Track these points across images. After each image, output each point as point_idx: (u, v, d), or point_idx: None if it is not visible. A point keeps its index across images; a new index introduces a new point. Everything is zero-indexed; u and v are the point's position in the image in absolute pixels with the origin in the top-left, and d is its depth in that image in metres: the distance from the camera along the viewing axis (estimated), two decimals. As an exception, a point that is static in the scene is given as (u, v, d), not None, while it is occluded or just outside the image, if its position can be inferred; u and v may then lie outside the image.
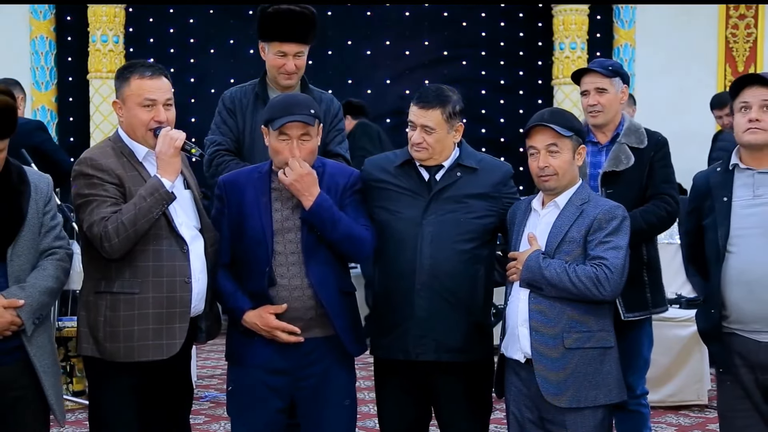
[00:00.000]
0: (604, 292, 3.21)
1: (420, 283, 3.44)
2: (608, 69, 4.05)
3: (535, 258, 3.26)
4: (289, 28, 4.11)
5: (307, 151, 3.38)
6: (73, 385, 5.61)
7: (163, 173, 3.26)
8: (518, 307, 3.32)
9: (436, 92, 3.51)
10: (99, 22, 8.96)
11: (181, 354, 3.34)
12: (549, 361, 3.24)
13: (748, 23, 9.64)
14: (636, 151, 4.00)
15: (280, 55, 4.13)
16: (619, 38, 9.51)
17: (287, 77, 4.16)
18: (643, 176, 4.00)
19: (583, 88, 4.06)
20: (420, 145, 3.49)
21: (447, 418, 3.59)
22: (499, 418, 4.70)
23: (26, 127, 5.97)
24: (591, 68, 4.08)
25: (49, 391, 3.20)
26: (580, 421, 3.26)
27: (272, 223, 3.39)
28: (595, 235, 3.26)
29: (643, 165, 3.99)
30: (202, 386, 6.21)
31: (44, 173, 3.38)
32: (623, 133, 4.03)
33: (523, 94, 9.73)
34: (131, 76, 3.33)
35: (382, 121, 9.52)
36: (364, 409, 5.54)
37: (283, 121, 3.34)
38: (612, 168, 3.96)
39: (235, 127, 4.18)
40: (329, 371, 3.44)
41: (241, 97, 4.23)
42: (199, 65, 9.43)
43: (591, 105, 4.03)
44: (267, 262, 3.36)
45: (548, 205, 3.37)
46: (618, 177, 3.97)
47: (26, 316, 3.13)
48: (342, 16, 9.50)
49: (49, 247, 3.27)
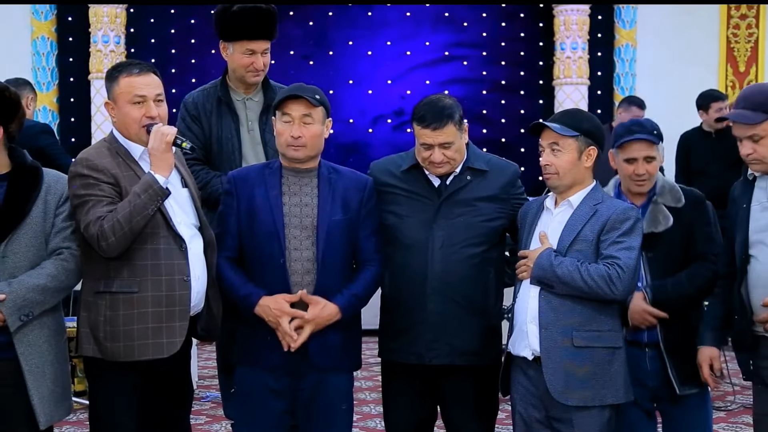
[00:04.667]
0: (616, 291, 3.23)
1: (432, 287, 3.45)
2: (654, 134, 3.69)
3: (546, 256, 3.27)
4: (257, 26, 4.11)
5: (311, 135, 3.40)
6: (75, 386, 5.60)
7: (156, 169, 3.26)
8: (528, 304, 3.33)
9: (440, 108, 3.46)
10: (100, 22, 8.97)
11: (181, 353, 3.34)
12: (558, 359, 3.25)
13: (750, 23, 9.64)
14: (674, 210, 3.66)
15: (249, 53, 4.12)
16: (620, 38, 9.50)
17: (255, 75, 4.16)
18: (684, 237, 3.66)
19: (631, 156, 3.64)
20: (441, 162, 3.48)
21: (454, 419, 3.60)
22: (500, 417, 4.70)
23: (32, 130, 5.94)
24: (640, 137, 3.65)
25: (32, 392, 3.17)
26: (587, 420, 3.27)
27: (283, 216, 3.40)
28: (609, 235, 3.27)
29: (684, 225, 3.66)
30: (203, 386, 6.21)
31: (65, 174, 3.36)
32: (658, 192, 3.69)
33: (524, 94, 9.73)
34: (119, 75, 3.34)
35: (384, 121, 9.53)
36: (365, 410, 5.54)
37: (284, 95, 3.41)
38: (651, 230, 3.60)
39: (201, 134, 4.13)
40: (328, 374, 3.44)
41: (204, 101, 4.19)
42: (200, 66, 9.42)
43: (638, 174, 3.64)
44: (281, 254, 3.37)
45: (561, 204, 3.39)
46: (658, 239, 3.61)
47: (8, 311, 3.12)
48: (343, 16, 9.50)
49: (57, 248, 3.27)
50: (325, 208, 3.42)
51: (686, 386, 3.59)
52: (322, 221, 3.41)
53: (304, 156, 3.43)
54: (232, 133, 4.15)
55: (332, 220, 3.41)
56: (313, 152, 3.45)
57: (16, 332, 3.16)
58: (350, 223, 3.45)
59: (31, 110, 6.29)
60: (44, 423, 3.23)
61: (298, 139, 3.39)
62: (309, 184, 3.46)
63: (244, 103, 4.23)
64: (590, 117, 3.48)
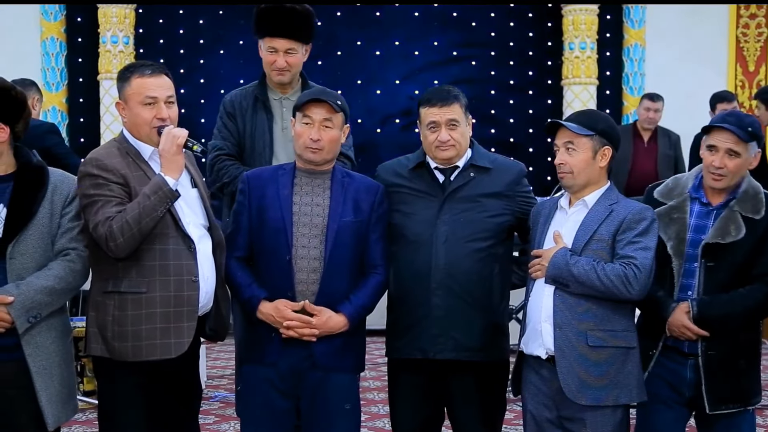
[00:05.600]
0: (633, 291, 3.22)
1: (436, 282, 3.46)
2: (747, 131, 3.39)
3: (562, 255, 3.27)
4: (278, 23, 4.15)
5: (329, 139, 3.44)
6: (84, 385, 5.62)
7: (166, 171, 3.26)
8: (542, 303, 3.33)
9: (446, 90, 3.58)
10: (109, 23, 9.00)
11: (190, 354, 3.34)
12: (572, 358, 3.25)
13: (759, 23, 9.61)
14: (749, 221, 3.39)
15: (271, 51, 4.16)
16: (629, 38, 9.49)
17: (279, 73, 4.19)
18: (751, 251, 3.39)
19: (712, 143, 3.42)
20: (448, 142, 3.51)
21: (461, 418, 3.60)
22: (509, 418, 4.69)
23: (38, 130, 5.94)
24: (726, 126, 3.40)
25: (40, 393, 3.18)
26: (600, 419, 3.27)
27: (292, 214, 3.41)
28: (625, 235, 3.27)
29: (755, 238, 3.38)
30: (212, 386, 6.21)
31: (71, 174, 3.38)
32: (739, 197, 3.43)
33: (532, 94, 9.72)
34: (132, 76, 3.34)
35: (392, 121, 9.52)
36: (373, 410, 5.54)
37: (306, 98, 3.44)
38: (717, 239, 3.38)
39: (236, 131, 4.20)
40: (331, 374, 3.44)
41: (241, 100, 4.26)
42: (209, 66, 9.45)
43: (717, 167, 3.40)
44: (288, 251, 3.38)
45: (576, 204, 3.39)
46: (723, 250, 3.38)
47: (17, 313, 3.13)
48: (351, 16, 9.51)
49: (64, 248, 3.27)
50: (336, 209, 3.43)
51: (720, 406, 3.42)
52: (332, 221, 3.42)
53: (321, 159, 3.46)
54: (264, 131, 4.21)
55: (342, 221, 3.42)
56: (330, 156, 3.48)
57: (24, 334, 3.17)
58: (360, 226, 3.46)
59: (37, 111, 6.30)
60: (52, 425, 3.24)
61: (317, 142, 3.42)
62: (322, 185, 3.48)
63: (280, 102, 4.29)
64: (606, 117, 3.48)
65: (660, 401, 3.48)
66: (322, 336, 3.38)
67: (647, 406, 3.45)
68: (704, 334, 3.39)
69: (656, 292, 3.41)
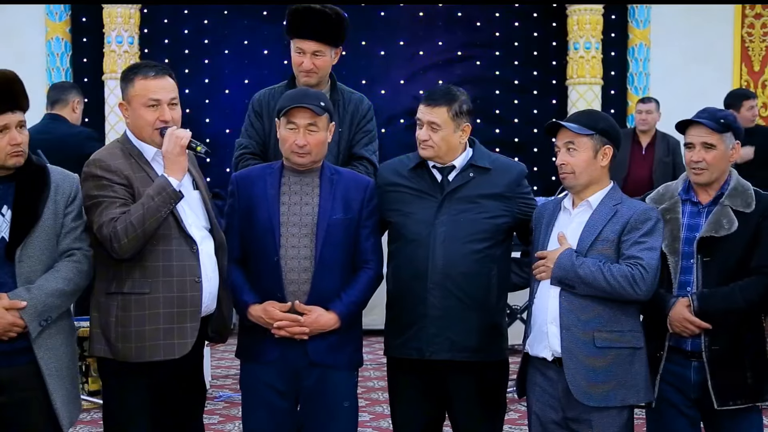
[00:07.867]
0: (639, 292, 3.22)
1: (433, 282, 3.46)
2: (719, 122, 3.49)
3: (568, 256, 3.27)
4: (306, 25, 4.12)
5: (315, 142, 3.42)
6: (89, 385, 5.63)
7: (170, 172, 3.26)
8: (547, 304, 3.33)
9: (444, 91, 3.57)
10: (114, 23, 9.01)
11: (193, 354, 3.35)
12: (579, 359, 3.25)
13: (765, 22, 9.60)
14: (740, 215, 3.45)
15: (299, 51, 4.14)
16: (634, 38, 9.48)
17: (305, 75, 4.16)
18: (748, 244, 3.44)
19: (688, 140, 3.52)
20: (426, 142, 3.52)
21: (460, 419, 3.59)
22: (513, 418, 4.69)
23: (77, 138, 5.89)
24: (698, 120, 3.51)
25: (54, 395, 3.19)
26: (606, 420, 3.27)
27: (280, 214, 3.41)
28: (630, 236, 3.27)
29: (748, 232, 3.43)
30: (217, 386, 6.22)
31: (72, 173, 3.36)
32: (728, 193, 3.49)
33: (537, 94, 9.72)
34: (135, 77, 3.34)
35: (396, 121, 9.52)
36: (378, 410, 5.54)
37: (290, 105, 3.41)
38: (711, 233, 3.43)
39: (261, 130, 4.19)
40: (328, 372, 3.45)
41: (269, 99, 4.22)
42: (214, 66, 9.45)
43: (695, 161, 3.49)
44: (275, 252, 3.39)
45: (580, 205, 3.39)
46: (717, 244, 3.42)
47: (29, 317, 3.13)
48: (356, 16, 9.38)
49: (68, 249, 3.27)
50: (325, 207, 3.43)
51: (728, 401, 3.40)
52: (322, 219, 3.42)
53: (309, 162, 3.46)
54: None
55: (332, 218, 3.42)
56: (318, 158, 3.48)
57: (36, 337, 3.17)
58: (350, 223, 3.46)
59: (78, 114, 6.26)
60: (68, 425, 3.25)
61: (303, 147, 3.42)
62: (310, 183, 3.48)
63: None
64: (606, 117, 3.48)
65: (671, 405, 3.48)
66: (314, 334, 3.38)
67: (660, 412, 3.45)
68: (706, 326, 3.38)
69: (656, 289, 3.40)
